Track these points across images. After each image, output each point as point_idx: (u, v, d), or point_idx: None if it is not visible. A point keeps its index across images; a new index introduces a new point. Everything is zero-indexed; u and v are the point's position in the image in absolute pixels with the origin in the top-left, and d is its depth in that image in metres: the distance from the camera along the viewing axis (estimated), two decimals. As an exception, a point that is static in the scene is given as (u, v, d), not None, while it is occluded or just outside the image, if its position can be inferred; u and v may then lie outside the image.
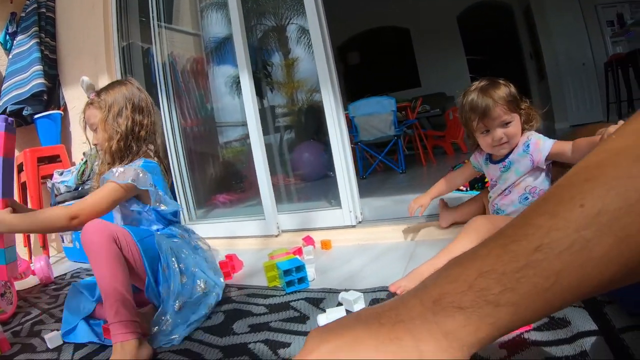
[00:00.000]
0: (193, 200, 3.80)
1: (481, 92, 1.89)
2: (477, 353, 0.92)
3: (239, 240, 3.21)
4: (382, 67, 10.20)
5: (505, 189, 1.99)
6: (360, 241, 2.65)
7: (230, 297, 2.04)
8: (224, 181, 4.26)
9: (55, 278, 3.07)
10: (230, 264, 2.42)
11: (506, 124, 1.88)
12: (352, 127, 5.54)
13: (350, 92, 9.21)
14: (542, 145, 1.83)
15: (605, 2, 7.37)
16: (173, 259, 1.75)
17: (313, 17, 2.72)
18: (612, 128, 1.53)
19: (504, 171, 1.98)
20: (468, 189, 3.25)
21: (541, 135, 1.89)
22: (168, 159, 3.63)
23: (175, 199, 2.75)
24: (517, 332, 1.22)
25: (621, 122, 1.44)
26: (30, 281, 3.00)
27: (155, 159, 1.97)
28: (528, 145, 1.89)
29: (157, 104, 3.66)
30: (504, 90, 1.87)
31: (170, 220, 1.97)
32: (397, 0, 9.52)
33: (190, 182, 3.79)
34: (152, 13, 3.66)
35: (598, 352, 1.06)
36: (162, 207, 1.87)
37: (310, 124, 3.36)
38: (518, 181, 1.92)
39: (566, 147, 1.75)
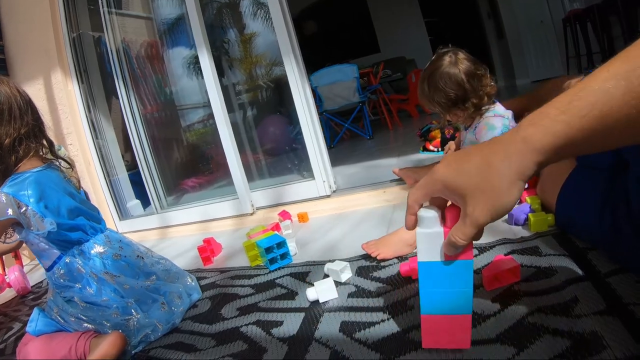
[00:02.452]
0: (162, 188, 3.75)
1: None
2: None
3: (214, 222, 3.18)
4: (340, 35, 10.10)
5: None
6: (337, 210, 2.65)
7: (213, 282, 2.01)
8: (191, 165, 4.20)
9: (32, 287, 2.94)
10: (209, 248, 2.38)
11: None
12: (316, 97, 5.49)
13: (310, 63, 9.11)
14: (484, 134, 1.89)
15: (562, -41, 7.35)
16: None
17: None
18: (574, 80, 1.54)
19: (469, 136, 2.03)
20: (439, 149, 3.24)
21: (491, 120, 1.92)
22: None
23: (88, 198, 2.62)
24: (507, 283, 1.23)
25: (582, 76, 1.45)
26: (7, 294, 2.87)
27: (46, 161, 1.71)
28: (475, 127, 1.98)
29: (115, 94, 3.63)
30: (433, 93, 1.97)
31: (72, 240, 1.65)
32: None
33: (158, 170, 3.74)
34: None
35: (587, 297, 1.08)
36: (41, 229, 1.53)
37: (272, 98, 3.33)
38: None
39: None
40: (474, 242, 0.85)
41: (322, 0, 10.04)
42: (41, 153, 1.71)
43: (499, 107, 1.95)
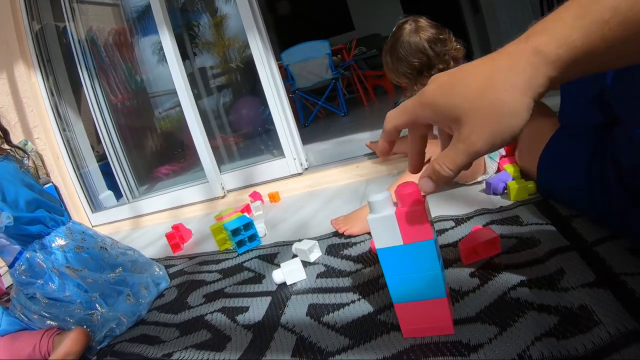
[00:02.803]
0: (133, 178, 3.69)
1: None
2: (448, 284, 0.81)
3: (185, 208, 3.12)
4: (314, 14, 9.99)
5: None
6: (308, 188, 2.61)
7: (181, 269, 1.96)
8: (164, 152, 4.12)
9: (6, 288, 2.83)
10: (177, 234, 2.31)
11: None
12: (288, 76, 5.43)
13: (284, 43, 9.09)
14: None
15: None
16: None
17: None
18: None
19: None
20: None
21: None
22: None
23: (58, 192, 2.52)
24: (486, 256, 1.16)
25: None
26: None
27: (1, 152, 1.68)
28: None
29: (80, 85, 3.54)
30: (397, 64, 1.91)
31: (32, 234, 1.59)
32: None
33: (128, 160, 3.67)
34: None
35: (574, 268, 1.01)
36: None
37: (246, 80, 3.26)
38: None
39: None
40: (451, 214, 0.75)
41: (295, -21, 9.91)
42: None
43: None
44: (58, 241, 1.60)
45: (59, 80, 3.66)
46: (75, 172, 3.63)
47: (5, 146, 1.71)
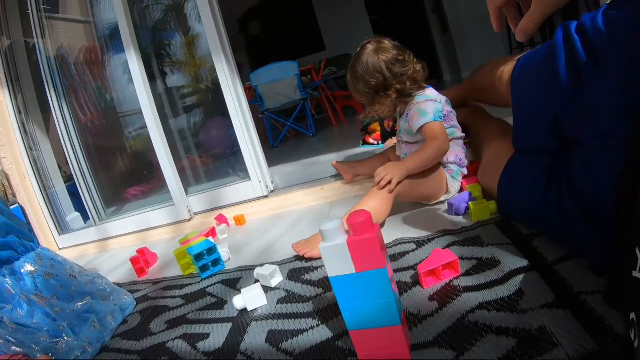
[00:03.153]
0: (100, 199, 3.59)
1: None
2: (406, 309, 0.81)
3: (152, 231, 3.07)
4: (286, 34, 10.05)
5: (406, 140, 1.98)
6: (274, 211, 2.59)
7: (146, 294, 1.92)
8: (134, 173, 4.04)
9: None
10: (142, 258, 2.27)
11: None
12: (257, 97, 5.42)
13: (255, 63, 9.11)
14: (416, 121, 1.81)
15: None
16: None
17: None
18: (508, 68, 1.47)
19: (403, 124, 1.96)
20: (380, 142, 3.17)
21: (423, 106, 1.82)
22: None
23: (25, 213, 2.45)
24: (446, 279, 1.16)
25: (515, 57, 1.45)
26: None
27: None
28: (407, 115, 1.90)
29: (46, 103, 3.46)
30: (356, 84, 1.93)
31: (2, 259, 1.55)
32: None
33: (95, 181, 3.57)
34: (30, 3, 3.37)
35: (533, 288, 1.01)
36: None
37: (216, 101, 3.23)
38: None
39: (437, 131, 1.74)
40: (412, 236, 0.75)
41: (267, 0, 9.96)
42: None
43: (430, 92, 1.89)
44: (27, 267, 1.57)
45: (27, 97, 3.60)
46: (42, 192, 3.55)
47: None
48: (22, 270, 1.55)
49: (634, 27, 0.83)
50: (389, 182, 1.67)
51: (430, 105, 1.79)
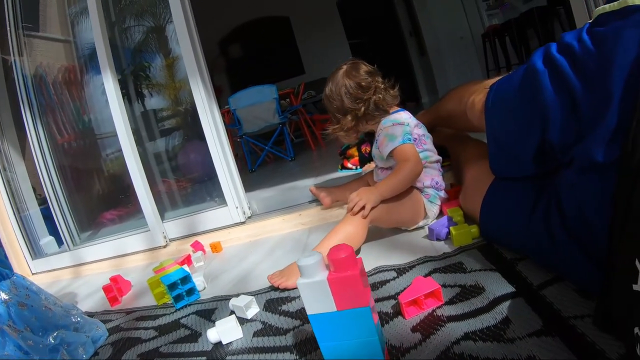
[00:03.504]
0: (74, 223, 3.51)
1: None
2: (388, 341, 1.00)
3: (126, 258, 2.99)
4: (266, 57, 10.14)
5: (381, 166, 1.98)
6: (251, 237, 2.54)
7: (118, 325, 1.84)
8: (110, 196, 3.97)
9: None
10: (115, 286, 2.20)
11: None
12: (235, 121, 5.42)
13: (235, 86, 9.15)
14: (385, 146, 1.80)
15: (478, -22, 7.79)
16: None
17: (176, 6, 2.60)
18: (477, 96, 1.46)
19: (374, 150, 1.97)
20: (357, 167, 3.15)
21: (390, 130, 1.83)
22: None
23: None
24: (429, 308, 1.12)
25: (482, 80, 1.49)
26: None
27: None
28: (377, 140, 1.92)
29: (21, 123, 3.41)
30: (328, 105, 2.00)
31: None
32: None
33: (69, 204, 3.51)
34: (9, 20, 3.35)
35: (520, 315, 0.98)
36: None
37: (195, 124, 3.19)
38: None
39: (407, 153, 1.73)
40: (393, 263, 0.71)
41: (247, 23, 10.04)
42: None
43: (397, 115, 1.89)
44: (1, 295, 1.50)
45: (2, 116, 3.54)
46: (15, 215, 3.47)
47: None
48: None
49: (625, 44, 0.80)
50: (363, 208, 1.64)
51: (398, 128, 1.78)
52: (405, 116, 1.87)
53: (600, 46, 0.86)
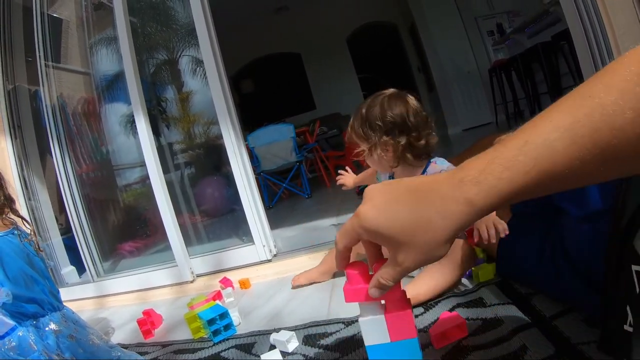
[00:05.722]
0: (98, 254, 3.55)
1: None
2: None
3: (153, 291, 3.03)
4: (277, 93, 10.25)
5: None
6: (278, 275, 2.59)
7: (156, 357, 1.89)
8: (128, 227, 4.00)
9: None
10: (149, 320, 2.25)
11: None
12: (254, 158, 5.49)
13: (246, 121, 9.22)
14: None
15: (484, 14, 7.93)
16: None
17: (206, 47, 2.68)
18: (504, 136, 1.54)
19: None
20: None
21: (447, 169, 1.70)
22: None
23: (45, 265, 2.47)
24: (455, 339, 1.21)
25: (511, 132, 1.50)
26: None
27: (7, 223, 1.66)
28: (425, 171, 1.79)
29: (49, 152, 3.47)
30: (369, 113, 1.78)
31: (28, 313, 1.57)
32: (286, 27, 9.57)
33: (93, 234, 3.54)
34: (39, 52, 3.43)
35: (536, 343, 1.08)
36: None
37: (210, 158, 3.27)
38: None
39: None
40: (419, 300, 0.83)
41: (259, 59, 10.17)
42: (2, 215, 1.65)
43: (447, 162, 1.81)
44: (52, 326, 1.58)
45: (27, 145, 3.60)
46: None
47: (12, 216, 1.68)
48: (47, 329, 1.56)
49: None
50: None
51: None
52: (448, 164, 1.79)
53: None
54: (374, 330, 0.93)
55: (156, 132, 2.93)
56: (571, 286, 1.13)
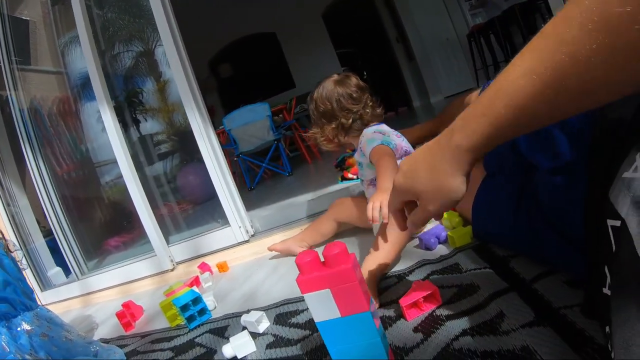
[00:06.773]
0: (81, 253, 3.55)
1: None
2: (392, 343, 1.07)
3: (135, 284, 3.02)
4: (256, 74, 10.15)
5: (370, 178, 1.97)
6: (256, 255, 2.57)
7: (135, 349, 1.88)
8: (113, 223, 4.01)
9: None
10: (128, 312, 2.23)
11: None
12: (231, 140, 5.44)
13: (227, 105, 9.17)
14: (365, 148, 1.83)
15: (459, -21, 7.82)
16: None
17: (165, 32, 2.63)
18: (474, 93, 1.56)
19: (359, 158, 1.98)
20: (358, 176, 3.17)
21: (370, 135, 1.85)
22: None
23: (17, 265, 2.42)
24: (428, 309, 1.17)
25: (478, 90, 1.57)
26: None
27: None
28: (359, 148, 1.94)
29: (22, 157, 3.45)
30: (310, 108, 2.07)
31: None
32: (259, 7, 9.37)
33: (75, 234, 3.54)
34: (3, 56, 3.39)
35: (514, 309, 1.03)
36: None
37: (191, 146, 3.23)
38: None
39: (385, 150, 1.73)
40: (391, 269, 0.96)
41: (235, 42, 10.05)
42: None
43: (378, 126, 1.93)
44: (24, 325, 1.54)
45: (2, 151, 3.58)
46: (22, 249, 3.47)
47: None
48: (19, 329, 1.52)
49: None
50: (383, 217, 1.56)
51: (378, 135, 1.81)
52: (385, 127, 1.93)
53: None
54: (322, 305, 0.92)
55: (136, 124, 2.88)
56: (551, 246, 1.07)
